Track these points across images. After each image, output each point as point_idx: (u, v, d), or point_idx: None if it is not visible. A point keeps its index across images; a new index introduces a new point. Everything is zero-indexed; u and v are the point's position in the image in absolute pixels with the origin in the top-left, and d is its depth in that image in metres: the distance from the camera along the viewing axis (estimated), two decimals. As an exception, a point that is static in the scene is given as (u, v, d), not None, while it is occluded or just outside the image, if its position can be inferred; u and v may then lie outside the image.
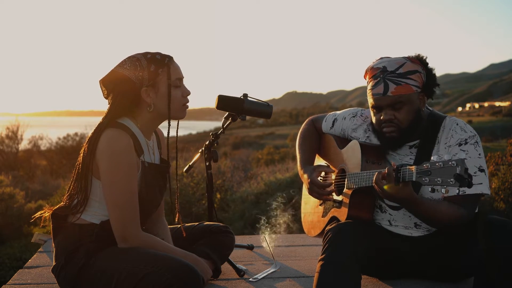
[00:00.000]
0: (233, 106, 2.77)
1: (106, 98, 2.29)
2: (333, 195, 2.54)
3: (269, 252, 3.08)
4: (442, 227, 2.29)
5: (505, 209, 5.78)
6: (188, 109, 2.36)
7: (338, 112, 2.74)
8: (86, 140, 2.22)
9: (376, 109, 2.36)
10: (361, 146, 2.42)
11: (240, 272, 2.66)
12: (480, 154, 2.29)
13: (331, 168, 2.64)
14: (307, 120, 2.87)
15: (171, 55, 2.29)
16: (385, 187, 2.08)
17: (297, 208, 5.55)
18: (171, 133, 2.37)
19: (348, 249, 2.14)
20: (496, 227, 2.12)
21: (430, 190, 1.91)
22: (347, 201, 2.40)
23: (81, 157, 2.22)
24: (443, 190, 1.87)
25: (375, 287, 2.43)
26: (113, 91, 2.25)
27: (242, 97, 2.78)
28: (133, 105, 2.25)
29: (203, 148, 2.85)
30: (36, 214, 2.32)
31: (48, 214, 2.29)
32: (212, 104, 2.82)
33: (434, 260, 2.35)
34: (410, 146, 2.41)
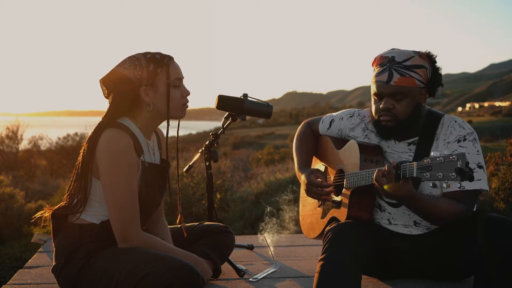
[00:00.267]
0: (233, 106, 2.77)
1: (107, 98, 2.29)
2: (332, 196, 2.54)
3: (273, 241, 3.09)
4: (442, 223, 2.31)
5: (505, 209, 5.79)
6: (188, 109, 2.35)
7: (335, 113, 2.75)
8: (86, 140, 2.22)
9: (378, 97, 2.38)
10: (359, 146, 2.42)
11: (240, 272, 2.66)
12: (479, 151, 2.32)
13: (329, 174, 2.65)
14: (303, 123, 2.87)
15: (172, 55, 2.29)
16: (385, 187, 2.10)
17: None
18: (172, 133, 2.37)
19: (348, 249, 2.14)
20: (495, 224, 2.14)
21: (432, 185, 1.92)
22: (347, 201, 2.40)
23: (81, 157, 2.22)
24: (445, 185, 1.89)
25: (375, 287, 2.43)
26: (113, 91, 2.25)
27: (242, 97, 2.78)
28: (133, 105, 2.25)
29: (203, 148, 2.85)
30: (37, 214, 2.31)
31: (48, 214, 2.28)
32: (212, 104, 2.82)
33: (434, 259, 2.35)
34: (409, 143, 2.43)
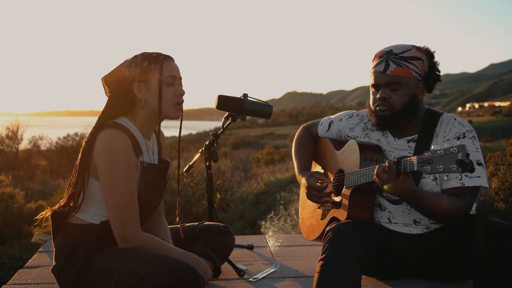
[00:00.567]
0: (233, 106, 2.77)
1: (108, 96, 2.29)
2: (332, 197, 2.54)
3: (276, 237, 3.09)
4: (442, 220, 2.32)
5: (505, 209, 5.78)
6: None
7: (333, 116, 2.78)
8: (85, 139, 2.23)
9: (375, 88, 2.42)
10: (359, 145, 2.44)
11: (240, 272, 2.66)
12: (478, 149, 2.34)
13: (329, 175, 2.65)
14: (301, 127, 2.90)
15: (172, 56, 2.29)
16: (385, 187, 2.10)
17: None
18: (173, 134, 2.37)
19: (348, 249, 2.14)
20: (495, 229, 2.14)
21: (432, 179, 1.92)
22: (347, 201, 2.40)
23: (79, 156, 2.22)
24: (445, 177, 1.90)
25: (375, 287, 2.43)
26: (112, 89, 2.26)
27: (242, 97, 2.78)
28: (129, 104, 2.25)
29: (203, 148, 2.85)
30: (38, 216, 2.31)
31: (49, 214, 2.28)
32: (212, 104, 2.82)
33: (434, 259, 2.35)
34: (408, 141, 2.44)
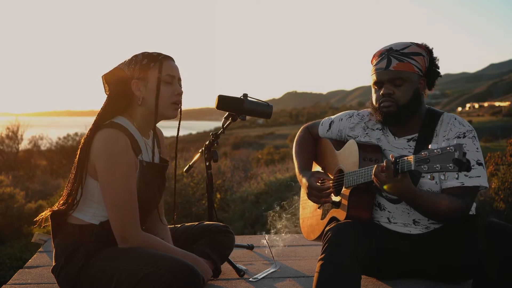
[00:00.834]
0: (233, 106, 2.77)
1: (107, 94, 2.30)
2: (332, 197, 2.55)
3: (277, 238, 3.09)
4: (441, 220, 2.32)
5: (505, 209, 5.78)
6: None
7: (334, 116, 2.78)
8: (84, 136, 2.23)
9: (377, 85, 2.42)
10: (358, 145, 2.45)
11: (240, 272, 2.66)
12: (478, 148, 2.34)
13: (329, 175, 2.65)
14: (302, 128, 2.90)
15: (173, 57, 2.29)
16: (384, 187, 2.11)
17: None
18: (172, 133, 2.37)
19: (348, 249, 2.14)
20: (495, 230, 2.14)
21: (430, 178, 1.92)
22: (346, 201, 2.40)
23: (78, 153, 2.22)
24: (443, 176, 1.90)
25: (375, 287, 2.43)
26: (112, 87, 2.26)
27: (242, 97, 2.78)
28: (127, 102, 2.25)
29: (203, 148, 2.85)
30: (38, 217, 2.30)
31: (48, 214, 2.28)
32: (212, 104, 2.82)
33: (434, 259, 2.35)
34: (408, 140, 2.45)
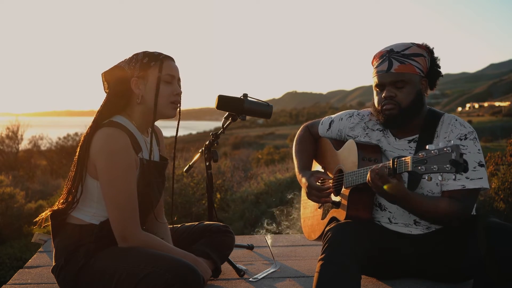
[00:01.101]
0: (233, 106, 2.77)
1: (106, 92, 2.30)
2: (332, 196, 2.54)
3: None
4: (440, 223, 2.32)
5: (505, 209, 5.78)
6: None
7: (334, 115, 2.77)
8: (83, 134, 2.23)
9: (379, 88, 2.41)
10: (358, 145, 2.44)
11: (240, 272, 2.66)
12: (479, 150, 2.34)
13: (329, 175, 2.65)
14: (302, 127, 2.90)
15: (173, 57, 2.29)
16: (385, 186, 2.11)
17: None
18: (172, 133, 2.36)
19: (348, 249, 2.14)
20: (495, 230, 2.13)
21: (427, 179, 1.92)
22: (346, 201, 2.40)
23: (77, 151, 2.22)
24: (440, 177, 1.89)
25: (375, 287, 2.43)
26: (111, 85, 2.26)
27: (242, 97, 2.78)
28: (126, 100, 2.25)
29: (203, 148, 2.85)
30: (38, 217, 2.30)
31: (49, 214, 2.28)
32: (212, 104, 2.82)
33: (434, 260, 2.35)
34: (409, 141, 2.44)
